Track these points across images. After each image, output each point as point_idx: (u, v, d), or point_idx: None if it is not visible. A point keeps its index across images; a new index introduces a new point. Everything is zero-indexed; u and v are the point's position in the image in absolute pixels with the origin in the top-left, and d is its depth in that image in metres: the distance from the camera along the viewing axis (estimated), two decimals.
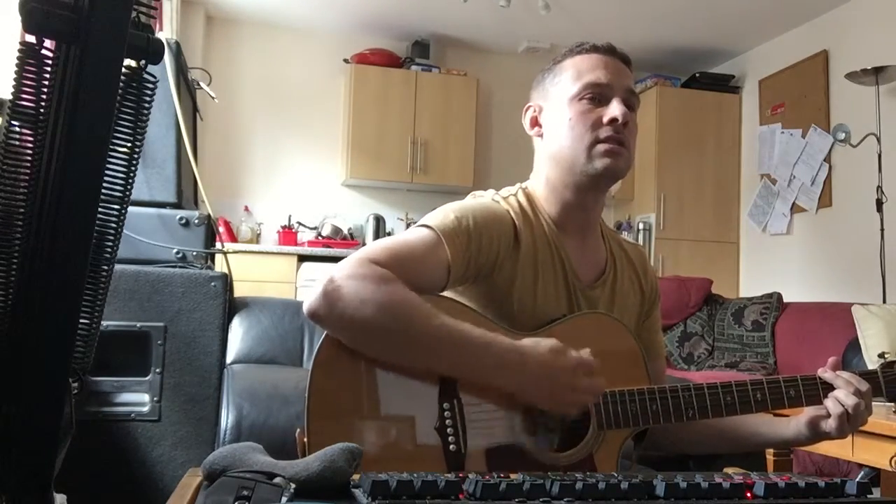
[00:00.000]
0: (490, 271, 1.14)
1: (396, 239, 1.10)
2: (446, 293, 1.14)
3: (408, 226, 4.89)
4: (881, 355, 1.19)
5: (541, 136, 1.23)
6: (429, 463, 1.01)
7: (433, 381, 1.04)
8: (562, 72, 1.21)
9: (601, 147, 1.14)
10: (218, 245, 2.05)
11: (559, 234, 1.20)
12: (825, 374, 1.15)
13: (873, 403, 1.19)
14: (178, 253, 1.88)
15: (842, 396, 1.12)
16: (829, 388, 1.14)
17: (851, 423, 1.12)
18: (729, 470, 0.93)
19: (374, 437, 1.01)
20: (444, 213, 1.12)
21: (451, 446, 1.01)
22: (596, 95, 1.16)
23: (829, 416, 1.13)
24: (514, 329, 1.12)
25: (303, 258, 4.71)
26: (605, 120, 1.14)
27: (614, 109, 1.14)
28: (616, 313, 1.23)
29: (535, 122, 1.24)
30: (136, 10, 0.63)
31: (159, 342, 1.77)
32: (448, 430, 1.02)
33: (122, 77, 0.64)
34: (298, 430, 1.05)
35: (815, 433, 1.15)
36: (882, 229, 4.08)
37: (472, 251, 1.10)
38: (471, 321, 1.05)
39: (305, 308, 1.02)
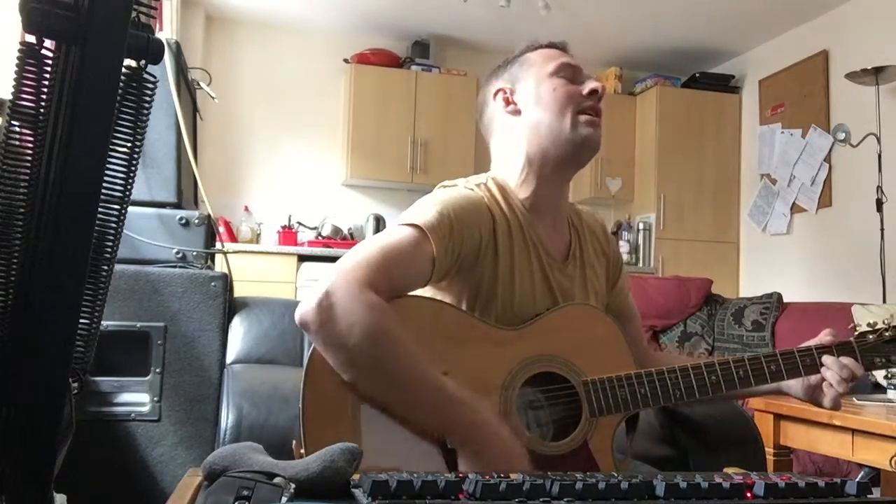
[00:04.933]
0: (473, 261, 1.15)
1: (384, 242, 1.09)
2: (429, 291, 1.15)
3: None
4: (853, 327, 1.22)
5: (517, 112, 1.25)
6: (428, 460, 1.01)
7: None
8: (528, 60, 1.27)
9: (584, 117, 1.20)
10: (218, 245, 2.05)
11: (530, 218, 1.22)
12: (826, 358, 1.17)
13: (871, 404, 1.22)
14: (178, 253, 1.88)
15: (836, 385, 1.17)
16: (809, 358, 1.17)
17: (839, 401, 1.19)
18: (729, 470, 0.93)
19: (371, 438, 1.01)
20: (426, 208, 1.13)
21: (449, 445, 1.02)
22: (568, 76, 1.23)
23: (824, 392, 1.19)
24: (497, 322, 1.14)
25: (303, 258, 4.71)
26: (585, 92, 1.21)
27: (593, 82, 1.22)
28: (589, 285, 1.27)
29: (509, 102, 1.26)
30: (136, 10, 0.63)
31: (159, 342, 1.77)
32: None
33: (122, 77, 0.64)
34: (294, 441, 1.05)
35: (810, 399, 1.22)
36: (882, 229, 4.08)
37: (454, 242, 1.11)
38: (459, 321, 1.09)
39: (297, 315, 1.02)
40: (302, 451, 0.99)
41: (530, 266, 1.20)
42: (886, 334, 1.18)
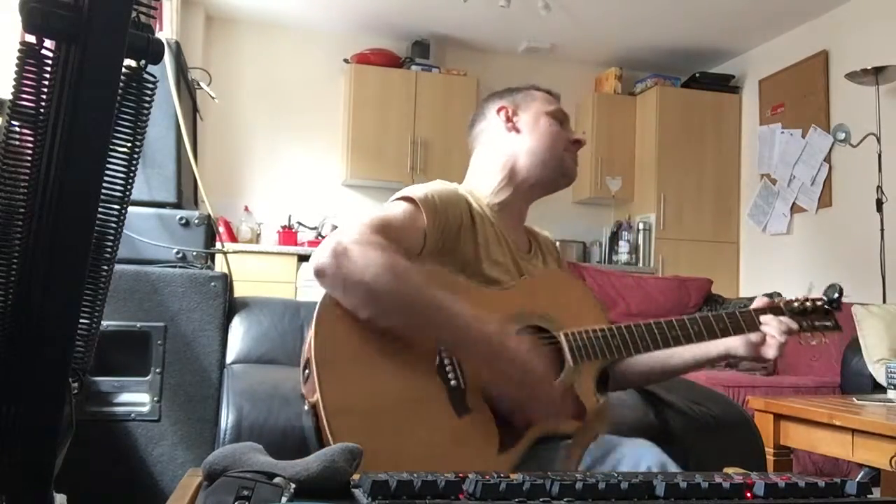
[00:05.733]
0: (454, 242, 1.26)
1: (385, 212, 1.22)
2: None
3: None
4: (782, 299, 1.44)
5: (516, 130, 1.41)
6: (433, 401, 1.09)
7: None
8: (531, 94, 1.45)
9: (569, 157, 1.42)
10: (218, 245, 2.05)
11: (496, 218, 1.37)
12: (764, 317, 1.35)
13: (871, 404, 1.28)
14: (178, 253, 1.88)
15: (778, 336, 1.33)
16: (748, 317, 1.35)
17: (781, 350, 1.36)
18: (729, 470, 0.93)
19: (381, 382, 1.08)
20: (417, 188, 1.27)
21: (452, 382, 1.11)
22: (560, 120, 1.43)
23: (767, 344, 1.34)
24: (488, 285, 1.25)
25: (303, 258, 4.70)
26: (572, 139, 1.43)
27: (580, 135, 1.44)
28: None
29: (510, 120, 1.43)
30: (136, 10, 0.63)
31: (159, 342, 1.77)
32: (447, 367, 1.12)
33: (122, 77, 0.64)
34: (302, 392, 1.11)
35: (753, 354, 1.36)
36: (882, 229, 4.08)
37: (440, 219, 1.24)
38: (452, 281, 1.20)
39: (312, 266, 1.11)
40: (317, 395, 1.03)
41: (503, 253, 1.33)
42: (808, 304, 1.40)
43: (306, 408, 1.08)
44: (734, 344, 1.36)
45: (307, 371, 1.07)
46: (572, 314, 1.28)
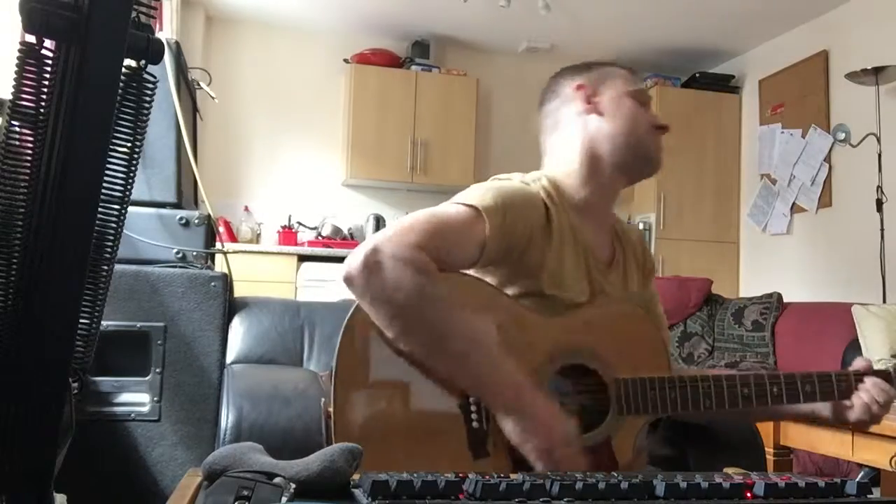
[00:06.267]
0: (522, 252, 1.14)
1: (437, 213, 1.10)
2: (473, 272, 1.14)
3: None
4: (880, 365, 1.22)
5: (597, 112, 1.27)
6: (450, 438, 1.03)
7: None
8: (612, 72, 1.31)
9: (654, 142, 1.27)
10: (218, 245, 2.05)
11: (579, 220, 1.23)
12: (867, 380, 1.18)
13: None
14: (178, 253, 1.88)
15: (875, 409, 1.18)
16: (845, 382, 1.18)
17: (873, 422, 1.20)
18: (729, 470, 0.93)
19: (398, 408, 1.03)
20: (483, 192, 1.13)
21: (474, 423, 1.03)
22: (643, 102, 1.29)
23: (854, 410, 1.18)
24: (539, 309, 1.13)
25: (303, 258, 4.71)
26: (656, 125, 1.28)
27: (665, 123, 1.29)
28: (628, 291, 1.29)
29: (590, 101, 1.27)
30: (136, 10, 0.63)
31: (159, 342, 1.77)
32: (471, 406, 1.04)
33: (122, 77, 0.64)
34: (323, 400, 1.07)
35: (837, 418, 1.22)
36: (882, 229, 4.08)
37: (506, 230, 1.11)
38: (498, 301, 1.10)
39: (344, 272, 1.02)
40: (330, 408, 1.00)
41: (577, 265, 1.20)
42: None
43: (323, 417, 1.04)
44: (819, 408, 1.22)
45: (331, 378, 1.04)
46: (631, 357, 1.14)
